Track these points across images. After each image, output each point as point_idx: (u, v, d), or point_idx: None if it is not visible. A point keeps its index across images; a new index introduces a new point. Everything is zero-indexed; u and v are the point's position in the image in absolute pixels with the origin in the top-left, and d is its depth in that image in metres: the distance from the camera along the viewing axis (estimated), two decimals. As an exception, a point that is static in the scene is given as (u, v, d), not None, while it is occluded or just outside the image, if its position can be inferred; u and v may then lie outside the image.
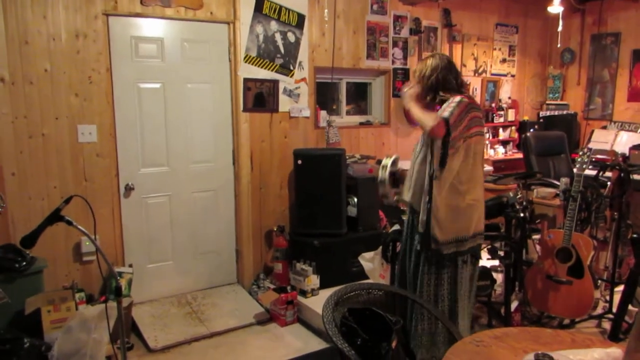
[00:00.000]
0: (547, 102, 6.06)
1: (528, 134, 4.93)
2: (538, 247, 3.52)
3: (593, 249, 3.23)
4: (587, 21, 5.79)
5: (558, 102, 6.00)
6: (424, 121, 2.39)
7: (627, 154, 4.81)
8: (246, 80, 4.05)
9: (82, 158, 3.53)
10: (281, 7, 4.11)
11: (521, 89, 6.00)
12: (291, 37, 4.20)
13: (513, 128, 5.84)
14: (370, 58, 4.70)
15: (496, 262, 3.51)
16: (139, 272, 3.79)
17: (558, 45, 5.41)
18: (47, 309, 2.91)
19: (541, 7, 5.34)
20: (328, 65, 4.44)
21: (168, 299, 3.96)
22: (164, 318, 3.67)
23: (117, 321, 2.14)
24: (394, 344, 1.80)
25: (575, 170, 3.28)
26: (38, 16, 3.28)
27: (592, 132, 5.60)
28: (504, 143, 5.78)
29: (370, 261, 3.54)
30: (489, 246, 3.36)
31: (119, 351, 2.18)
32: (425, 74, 2.53)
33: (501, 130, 5.78)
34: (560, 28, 4.11)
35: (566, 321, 3.44)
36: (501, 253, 3.32)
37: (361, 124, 4.85)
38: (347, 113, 4.93)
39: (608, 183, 3.59)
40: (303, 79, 4.32)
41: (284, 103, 4.26)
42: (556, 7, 4.61)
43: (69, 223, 1.97)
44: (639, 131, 5.31)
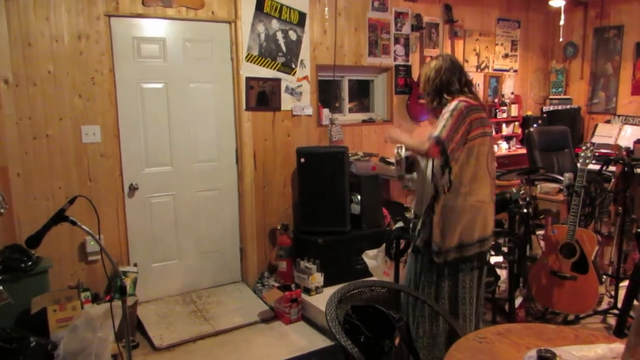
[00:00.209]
0: (550, 97, 6.03)
1: (531, 129, 4.91)
2: (542, 243, 3.51)
3: (597, 244, 3.22)
4: (590, 14, 5.75)
5: (561, 97, 5.97)
6: (418, 148, 2.41)
7: (632, 148, 4.79)
8: (248, 79, 4.06)
9: (87, 158, 3.55)
10: (282, 6, 4.11)
11: (524, 84, 5.98)
12: (292, 36, 4.20)
13: (516, 123, 5.81)
14: (372, 55, 4.69)
15: (500, 258, 3.51)
16: (144, 271, 3.82)
17: (560, 39, 5.37)
18: (53, 308, 2.94)
19: (543, 1, 5.31)
20: (330, 63, 4.44)
21: (173, 298, 3.98)
22: (169, 317, 3.69)
23: (122, 320, 2.16)
24: (397, 341, 1.80)
25: (578, 165, 3.28)
26: (41, 18, 3.30)
27: (596, 127, 5.57)
28: (507, 139, 5.75)
29: (373, 259, 3.55)
30: (493, 242, 3.35)
31: (125, 350, 2.19)
32: (429, 77, 2.52)
33: (504, 125, 5.76)
34: (562, 22, 4.09)
35: (571, 317, 3.44)
36: (505, 249, 3.31)
37: (364, 122, 4.84)
38: (350, 111, 4.92)
39: (612, 178, 3.58)
40: (305, 77, 4.32)
41: (286, 101, 4.26)
42: (558, 1, 4.59)
43: (74, 223, 1.99)
44: (644, 125, 5.29)
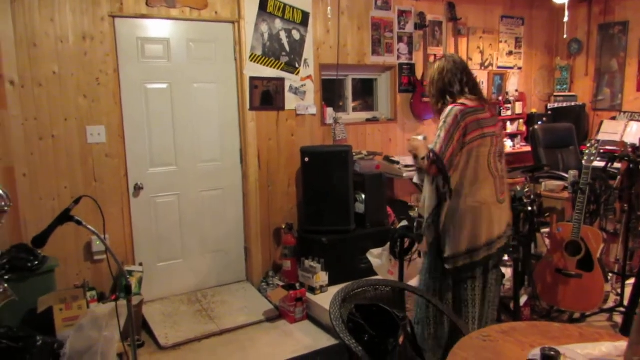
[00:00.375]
0: (555, 94, 6.00)
1: (536, 127, 4.89)
2: (547, 241, 3.50)
3: (603, 242, 3.21)
4: (594, 11, 5.71)
5: (566, 94, 5.93)
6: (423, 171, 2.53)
7: (637, 145, 4.75)
8: (252, 78, 4.07)
9: (92, 159, 3.57)
10: (285, 5, 4.11)
11: (528, 82, 5.95)
12: (296, 35, 4.21)
13: (521, 121, 5.78)
14: (375, 54, 4.68)
15: (505, 257, 3.49)
16: (149, 271, 3.84)
17: (564, 36, 5.34)
18: (59, 308, 2.96)
19: (547, -2, 5.30)
20: (333, 62, 4.44)
21: (178, 297, 4.00)
22: (174, 316, 3.70)
23: (128, 319, 2.17)
24: (401, 340, 1.81)
25: (583, 162, 3.26)
26: (46, 19, 3.32)
27: (602, 123, 5.53)
28: (512, 136, 5.73)
29: (378, 257, 3.55)
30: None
31: (130, 348, 2.21)
32: (433, 79, 2.55)
33: (509, 123, 5.74)
34: (566, 19, 4.06)
35: (577, 315, 3.43)
36: (509, 247, 3.30)
37: (368, 121, 4.84)
38: (354, 110, 4.92)
39: (618, 175, 3.56)
40: (309, 77, 4.33)
41: (290, 101, 4.27)
42: (561, -2, 4.55)
43: (79, 223, 2.00)
44: (650, 121, 5.26)
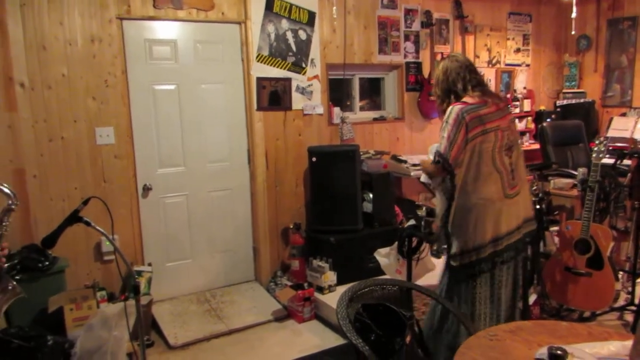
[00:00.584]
0: (564, 91, 5.95)
1: (544, 124, 4.85)
2: (556, 239, 3.48)
3: (612, 240, 3.18)
4: (603, 6, 5.66)
5: (575, 91, 5.88)
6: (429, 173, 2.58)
7: (648, 141, 4.71)
8: (260, 79, 4.08)
9: (101, 160, 3.60)
10: (292, 6, 4.12)
11: (537, 79, 5.91)
12: (302, 35, 4.21)
13: (529, 118, 5.75)
14: (382, 53, 4.68)
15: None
16: (159, 271, 3.86)
17: (573, 32, 5.29)
18: (70, 307, 3.00)
19: (554, -6, 5.26)
20: (340, 61, 4.44)
21: (187, 297, 4.02)
22: (184, 315, 3.73)
23: (137, 319, 2.19)
24: (408, 339, 1.81)
25: (592, 159, 3.24)
26: (55, 22, 3.36)
27: (611, 120, 5.48)
28: (521, 134, 5.70)
29: (386, 257, 3.53)
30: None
31: (139, 348, 2.23)
32: (438, 79, 2.56)
33: (517, 121, 5.71)
34: (574, 14, 4.01)
35: (586, 314, 3.40)
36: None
37: (375, 120, 4.83)
38: (361, 109, 4.92)
39: (628, 172, 3.53)
40: (315, 76, 4.33)
41: (297, 101, 4.28)
42: (569, -7, 4.52)
43: (88, 224, 2.02)
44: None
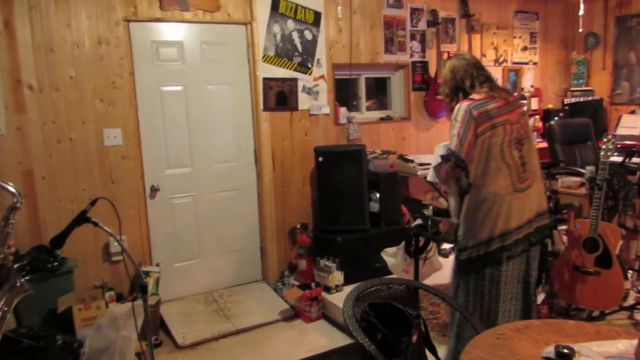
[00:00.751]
0: (572, 89, 5.91)
1: (552, 122, 4.82)
2: (564, 238, 3.45)
3: (621, 238, 3.15)
4: (610, 3, 5.61)
5: (583, 88, 5.84)
6: (444, 177, 2.54)
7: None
8: (266, 79, 4.09)
9: (109, 161, 3.62)
10: (297, 6, 4.13)
11: (544, 77, 5.87)
12: (308, 35, 4.22)
13: (537, 117, 5.72)
14: (388, 52, 4.67)
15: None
16: (166, 271, 3.88)
17: (580, 29, 5.26)
18: (78, 307, 3.02)
19: (562, -8, 5.22)
20: (346, 61, 4.44)
21: (195, 297, 4.04)
22: (192, 315, 3.74)
23: (145, 318, 2.20)
24: (415, 338, 1.80)
25: (600, 157, 3.21)
26: (62, 25, 3.39)
27: (620, 118, 5.43)
28: (529, 132, 5.67)
29: (393, 256, 3.53)
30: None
31: (148, 348, 2.24)
32: (446, 79, 2.56)
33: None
34: (581, 12, 4.00)
35: (595, 313, 3.37)
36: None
37: (381, 119, 4.83)
38: (368, 109, 4.91)
39: (637, 170, 3.50)
40: (322, 77, 4.34)
41: (304, 101, 4.28)
42: (577, -9, 4.49)
43: (95, 224, 2.03)
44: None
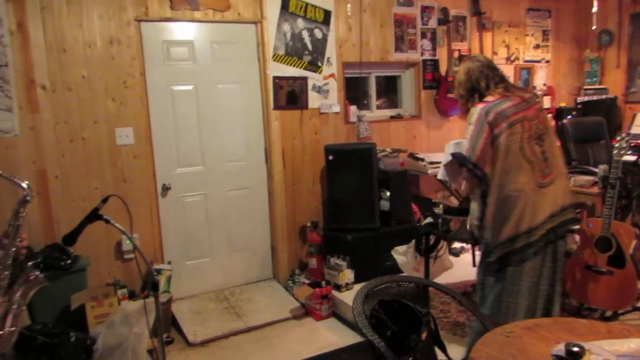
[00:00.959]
0: (585, 87, 5.84)
1: (565, 121, 4.77)
2: (577, 237, 3.42)
3: (635, 238, 3.12)
4: (625, 0, 5.55)
5: (596, 87, 5.77)
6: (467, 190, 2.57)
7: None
8: (276, 78, 4.10)
9: (120, 160, 3.66)
10: (307, 5, 4.13)
11: (557, 75, 5.81)
12: (318, 34, 4.22)
13: (549, 116, 5.66)
14: (398, 51, 4.66)
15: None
16: (178, 269, 3.91)
17: (594, 27, 5.19)
18: (91, 305, 3.06)
19: (574, -11, 5.17)
20: (356, 60, 4.43)
21: (206, 295, 4.07)
22: (203, 313, 3.77)
23: (156, 316, 2.22)
24: (424, 336, 1.80)
25: (613, 156, 3.18)
26: (74, 25, 3.42)
27: (634, 116, 5.36)
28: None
29: (403, 255, 3.52)
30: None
31: (159, 345, 2.26)
32: (461, 81, 2.54)
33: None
34: (595, 9, 3.95)
35: (608, 313, 3.34)
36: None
37: (392, 118, 4.82)
38: (378, 107, 4.91)
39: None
40: (332, 75, 4.34)
41: (314, 99, 4.29)
42: (590, -12, 4.45)
43: (107, 221, 2.06)
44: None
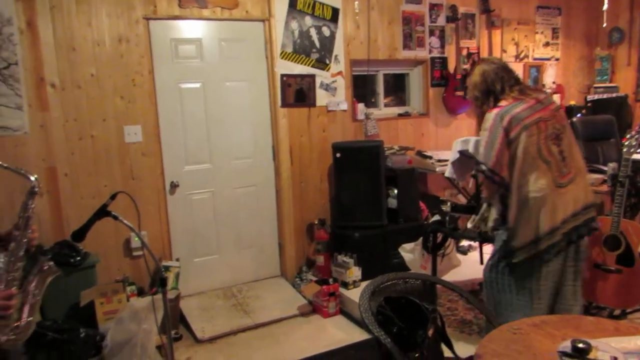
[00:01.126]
0: (595, 85, 5.79)
1: (574, 119, 4.75)
2: (585, 235, 3.39)
3: (645, 236, 3.09)
4: (636, -3, 5.50)
5: (607, 85, 5.72)
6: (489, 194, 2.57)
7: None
8: (284, 76, 4.11)
9: (129, 158, 3.68)
10: (315, 2, 4.13)
11: (567, 73, 5.77)
12: (326, 32, 4.22)
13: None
14: (406, 48, 4.65)
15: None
16: (186, 266, 3.93)
17: (604, 25, 5.15)
18: (100, 301, 3.09)
19: (585, -14, 5.12)
20: (364, 57, 4.43)
21: (214, 292, 4.09)
22: (211, 310, 3.79)
23: (164, 312, 2.24)
24: (431, 332, 1.80)
25: (623, 154, 3.15)
26: (83, 24, 3.45)
27: (646, 115, 5.34)
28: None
29: (410, 252, 3.52)
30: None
31: (168, 341, 2.28)
32: (476, 83, 2.52)
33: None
34: (605, 6, 3.92)
35: (617, 312, 3.31)
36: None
37: (400, 115, 4.81)
38: (386, 105, 4.90)
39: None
40: (339, 73, 4.34)
41: (321, 97, 4.29)
42: (601, -15, 4.41)
43: (115, 218, 2.07)
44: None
